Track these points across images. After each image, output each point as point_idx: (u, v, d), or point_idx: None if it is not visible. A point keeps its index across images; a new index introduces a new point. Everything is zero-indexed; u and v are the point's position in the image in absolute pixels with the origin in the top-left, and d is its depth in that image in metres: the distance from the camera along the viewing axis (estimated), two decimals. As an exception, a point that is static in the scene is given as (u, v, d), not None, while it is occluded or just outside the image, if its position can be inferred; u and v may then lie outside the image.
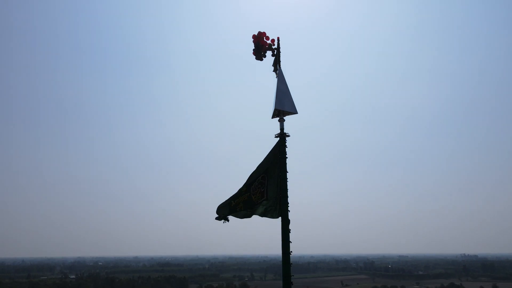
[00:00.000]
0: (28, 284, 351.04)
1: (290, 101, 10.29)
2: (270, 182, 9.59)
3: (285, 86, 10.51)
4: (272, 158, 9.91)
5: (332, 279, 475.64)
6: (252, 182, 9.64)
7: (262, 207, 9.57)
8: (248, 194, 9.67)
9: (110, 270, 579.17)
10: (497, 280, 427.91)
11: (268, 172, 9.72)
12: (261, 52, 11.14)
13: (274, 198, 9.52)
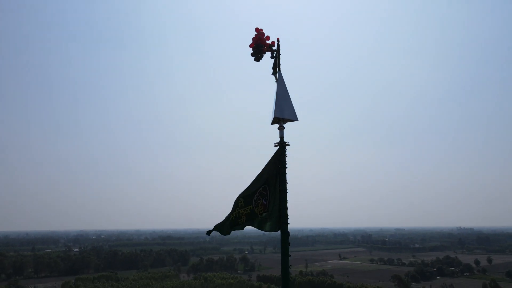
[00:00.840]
0: (33, 257, 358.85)
1: (290, 107, 9.80)
2: (271, 194, 9.23)
3: (285, 91, 9.99)
4: (272, 168, 9.55)
5: (330, 252, 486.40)
6: (253, 193, 9.26)
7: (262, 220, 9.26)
8: (251, 206, 9.30)
9: (112, 243, 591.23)
10: (491, 252, 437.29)
11: (269, 182, 9.34)
12: (259, 54, 10.56)
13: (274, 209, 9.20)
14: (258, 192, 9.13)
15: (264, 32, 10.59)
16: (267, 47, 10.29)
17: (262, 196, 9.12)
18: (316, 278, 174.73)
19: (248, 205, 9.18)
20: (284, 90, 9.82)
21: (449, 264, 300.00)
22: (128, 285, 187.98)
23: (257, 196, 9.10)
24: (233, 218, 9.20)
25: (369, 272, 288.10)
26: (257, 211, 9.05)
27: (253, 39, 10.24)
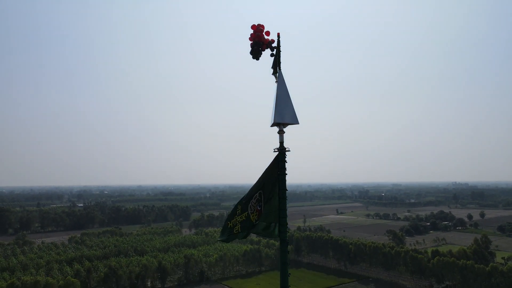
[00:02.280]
0: (39, 212, 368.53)
1: (291, 110, 9.31)
2: (267, 199, 9.06)
3: (285, 93, 9.47)
4: (270, 173, 9.32)
5: (328, 207, 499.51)
6: (249, 199, 9.10)
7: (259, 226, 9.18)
8: (246, 213, 9.21)
9: (115, 199, 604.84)
10: (484, 207, 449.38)
11: (265, 187, 9.15)
12: (258, 53, 9.87)
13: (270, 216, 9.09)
14: (255, 197, 9.00)
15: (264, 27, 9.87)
16: (266, 44, 9.63)
17: (258, 201, 8.99)
18: (313, 234, 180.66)
19: (244, 212, 9.08)
20: (285, 92, 9.29)
21: (443, 218, 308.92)
22: (132, 240, 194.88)
23: (253, 202, 8.98)
24: (231, 226, 9.13)
25: (365, 226, 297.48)
26: (252, 217, 8.94)
27: (251, 37, 9.53)
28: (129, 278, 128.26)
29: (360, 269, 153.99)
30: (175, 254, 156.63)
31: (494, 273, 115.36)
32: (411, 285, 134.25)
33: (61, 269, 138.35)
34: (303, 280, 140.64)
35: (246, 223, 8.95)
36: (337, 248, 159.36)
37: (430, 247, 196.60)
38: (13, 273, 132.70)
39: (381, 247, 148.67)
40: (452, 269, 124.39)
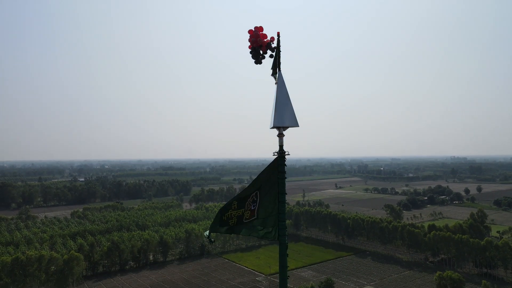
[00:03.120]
0: (41, 186, 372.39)
1: (291, 113, 9.13)
2: (263, 201, 9.08)
3: (285, 95, 9.26)
4: (268, 176, 9.29)
5: (327, 182, 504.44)
6: (246, 197, 9.11)
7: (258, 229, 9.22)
8: (243, 210, 9.24)
9: (116, 174, 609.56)
10: (482, 181, 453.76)
11: (262, 189, 9.16)
12: (259, 56, 9.57)
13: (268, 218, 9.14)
14: (251, 197, 9.03)
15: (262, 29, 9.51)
16: (266, 46, 9.32)
17: (254, 201, 9.03)
18: (312, 209, 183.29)
19: (241, 208, 9.11)
20: (285, 94, 9.09)
21: (440, 193, 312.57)
22: (134, 214, 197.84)
23: (249, 201, 9.02)
24: (225, 219, 9.16)
25: (364, 201, 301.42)
26: (246, 215, 8.99)
27: (249, 40, 9.22)
28: (131, 252, 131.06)
29: (357, 243, 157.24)
30: (176, 228, 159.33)
31: (489, 247, 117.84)
32: (407, 258, 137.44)
33: (65, 243, 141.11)
34: (301, 253, 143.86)
35: (241, 218, 9.03)
36: (335, 223, 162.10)
37: (427, 221, 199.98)
38: (18, 247, 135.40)
39: (379, 222, 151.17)
40: (447, 243, 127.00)
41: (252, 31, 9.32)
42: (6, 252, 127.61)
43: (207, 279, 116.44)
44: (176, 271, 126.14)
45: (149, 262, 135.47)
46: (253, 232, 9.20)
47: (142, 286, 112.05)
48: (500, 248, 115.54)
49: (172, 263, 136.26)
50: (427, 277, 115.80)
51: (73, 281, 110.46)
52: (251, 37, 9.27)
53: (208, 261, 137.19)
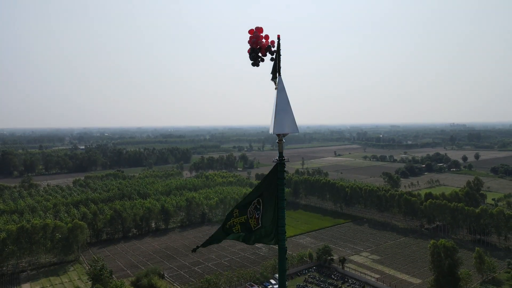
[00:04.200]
0: (42, 154, 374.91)
1: (291, 119, 9.04)
2: (265, 208, 9.20)
3: (285, 100, 9.14)
4: (269, 182, 9.37)
5: (326, 149, 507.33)
6: (248, 204, 9.21)
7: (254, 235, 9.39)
8: (246, 216, 9.37)
9: (116, 141, 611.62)
10: (480, 148, 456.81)
11: (264, 196, 9.27)
12: (258, 58, 9.36)
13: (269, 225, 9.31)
14: (253, 204, 9.14)
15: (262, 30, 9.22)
16: (265, 49, 9.07)
17: (257, 209, 9.15)
18: (311, 177, 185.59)
19: (243, 215, 9.25)
20: (285, 100, 8.97)
21: (438, 160, 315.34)
22: (135, 183, 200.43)
23: (252, 208, 9.12)
24: (228, 227, 9.31)
25: (362, 168, 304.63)
26: (252, 223, 9.15)
27: (249, 42, 8.96)
28: (133, 220, 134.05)
29: (355, 211, 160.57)
30: (177, 197, 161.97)
31: (483, 215, 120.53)
32: (403, 225, 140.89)
33: (68, 211, 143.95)
34: (300, 221, 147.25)
35: (246, 225, 9.20)
36: (333, 191, 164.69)
37: (424, 189, 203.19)
38: (22, 216, 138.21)
39: (376, 190, 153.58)
40: (443, 211, 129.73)
41: (252, 30, 9.09)
42: (11, 220, 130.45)
43: (208, 246, 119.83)
44: (178, 238, 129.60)
45: (151, 229, 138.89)
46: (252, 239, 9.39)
47: (145, 253, 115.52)
48: (495, 216, 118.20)
49: (173, 230, 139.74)
50: (422, 243, 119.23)
51: (78, 248, 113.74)
52: (250, 38, 9.05)
53: (209, 228, 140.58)
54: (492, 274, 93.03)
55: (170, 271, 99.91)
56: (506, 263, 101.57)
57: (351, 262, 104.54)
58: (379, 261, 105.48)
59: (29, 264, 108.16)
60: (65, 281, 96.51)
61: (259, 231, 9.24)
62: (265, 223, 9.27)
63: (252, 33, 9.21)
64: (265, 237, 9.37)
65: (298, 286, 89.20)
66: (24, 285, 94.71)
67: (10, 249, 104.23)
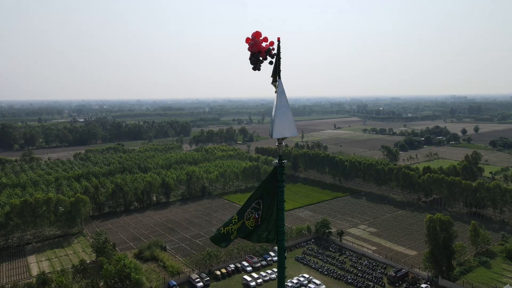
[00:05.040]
0: (41, 127, 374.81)
1: (290, 123, 9.11)
2: (265, 208, 9.46)
3: (285, 105, 9.16)
4: (269, 184, 9.56)
5: (326, 122, 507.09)
6: (246, 208, 9.44)
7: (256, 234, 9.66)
8: (242, 221, 9.61)
9: (115, 114, 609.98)
10: (480, 121, 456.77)
11: (263, 198, 9.50)
12: (258, 63, 9.27)
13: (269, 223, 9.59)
14: (252, 206, 9.38)
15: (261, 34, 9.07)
16: (265, 52, 8.99)
17: (255, 210, 9.39)
18: (310, 151, 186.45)
19: (240, 221, 9.49)
20: (284, 104, 8.99)
21: (438, 133, 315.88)
22: (135, 156, 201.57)
23: (250, 210, 9.37)
24: (225, 233, 9.51)
25: (361, 141, 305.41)
26: (248, 224, 9.38)
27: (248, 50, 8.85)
28: (135, 194, 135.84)
29: (353, 184, 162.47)
30: (177, 171, 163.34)
31: (480, 189, 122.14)
32: (400, 198, 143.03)
33: (70, 185, 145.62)
34: (299, 194, 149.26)
35: (242, 229, 9.45)
36: (333, 165, 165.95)
37: (422, 162, 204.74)
38: (25, 189, 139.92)
39: (375, 164, 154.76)
40: (440, 184, 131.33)
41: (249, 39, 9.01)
42: (14, 194, 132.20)
43: (209, 219, 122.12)
44: (178, 211, 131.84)
45: (152, 203, 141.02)
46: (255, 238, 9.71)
47: (147, 225, 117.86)
48: (491, 190, 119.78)
49: (174, 203, 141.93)
50: (418, 216, 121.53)
51: (81, 221, 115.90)
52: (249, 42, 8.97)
53: (209, 201, 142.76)
54: (486, 246, 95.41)
55: (172, 244, 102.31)
56: (500, 235, 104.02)
57: (349, 234, 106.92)
58: (376, 234, 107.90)
59: (34, 236, 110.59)
60: (69, 253, 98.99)
61: (259, 229, 9.53)
62: (264, 221, 9.54)
63: (248, 42, 9.11)
64: (266, 236, 9.68)
65: (296, 258, 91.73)
66: (29, 257, 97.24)
67: (15, 222, 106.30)
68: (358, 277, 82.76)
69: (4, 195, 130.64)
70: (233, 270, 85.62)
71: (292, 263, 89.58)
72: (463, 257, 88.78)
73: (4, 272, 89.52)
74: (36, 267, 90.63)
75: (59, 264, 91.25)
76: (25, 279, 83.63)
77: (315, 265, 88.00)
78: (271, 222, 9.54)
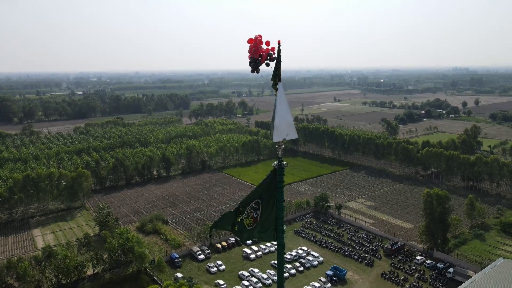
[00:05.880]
0: (40, 101, 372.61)
1: (290, 126, 9.28)
2: (264, 208, 9.79)
3: (285, 107, 9.28)
4: (268, 185, 9.84)
5: (326, 94, 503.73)
6: (248, 204, 9.79)
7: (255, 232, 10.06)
8: (243, 216, 9.95)
9: (114, 87, 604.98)
10: (481, 94, 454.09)
11: (263, 198, 9.82)
12: (258, 66, 9.31)
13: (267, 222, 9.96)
14: (251, 205, 9.73)
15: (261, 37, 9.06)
16: (266, 56, 9.00)
17: (254, 209, 9.76)
18: (310, 125, 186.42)
19: (242, 215, 9.87)
20: (285, 107, 9.13)
21: (438, 106, 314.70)
22: (135, 130, 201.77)
23: (250, 208, 9.73)
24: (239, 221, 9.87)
25: (361, 114, 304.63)
26: (246, 222, 9.76)
27: (249, 52, 8.86)
28: (135, 168, 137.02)
29: (352, 158, 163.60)
30: (177, 145, 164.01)
31: (478, 163, 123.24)
32: (399, 172, 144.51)
33: (71, 159, 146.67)
34: (298, 168, 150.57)
35: (240, 226, 9.83)
36: (332, 139, 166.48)
37: (421, 136, 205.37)
38: (26, 164, 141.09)
39: (374, 138, 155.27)
40: (438, 158, 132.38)
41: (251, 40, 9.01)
42: (16, 168, 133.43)
43: (209, 193, 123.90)
44: (179, 185, 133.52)
45: (153, 177, 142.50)
46: (253, 236, 10.14)
47: (149, 199, 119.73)
48: (489, 164, 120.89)
49: (175, 177, 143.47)
50: (416, 190, 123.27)
51: (83, 195, 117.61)
52: (250, 48, 8.99)
53: (209, 175, 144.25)
54: (481, 220, 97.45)
55: (173, 217, 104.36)
56: (496, 209, 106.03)
57: (347, 208, 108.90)
58: (373, 207, 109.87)
59: (38, 210, 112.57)
60: (73, 226, 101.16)
61: (254, 230, 9.90)
62: (263, 222, 9.91)
63: (251, 43, 9.14)
64: (264, 235, 10.08)
65: (295, 232, 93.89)
66: (34, 230, 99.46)
67: (18, 197, 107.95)
68: (355, 250, 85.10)
69: (6, 170, 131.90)
70: (233, 243, 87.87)
71: (291, 236, 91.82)
72: (458, 230, 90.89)
73: (10, 244, 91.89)
74: (41, 240, 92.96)
75: (63, 237, 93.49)
76: (31, 252, 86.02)
77: (313, 238, 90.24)
78: (271, 221, 9.93)
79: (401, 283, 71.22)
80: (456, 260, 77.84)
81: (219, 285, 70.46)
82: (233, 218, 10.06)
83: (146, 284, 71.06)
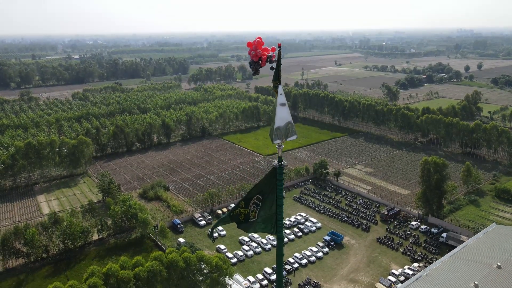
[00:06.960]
0: (36, 65, 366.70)
1: (290, 127, 9.50)
2: (264, 204, 10.35)
3: (285, 110, 9.45)
4: (268, 182, 10.28)
5: (327, 58, 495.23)
6: (250, 199, 10.38)
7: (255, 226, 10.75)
8: (248, 209, 10.60)
9: (111, 50, 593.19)
10: (484, 57, 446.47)
11: (263, 194, 10.33)
12: (258, 68, 9.36)
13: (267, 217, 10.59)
14: (253, 200, 10.30)
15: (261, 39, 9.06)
16: (266, 60, 9.03)
17: (256, 205, 10.35)
18: (310, 91, 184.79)
19: (246, 208, 10.45)
20: (285, 108, 9.31)
21: (440, 70, 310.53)
22: (134, 96, 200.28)
23: (252, 203, 10.32)
24: (234, 214, 10.64)
25: (362, 79, 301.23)
26: (252, 215, 10.46)
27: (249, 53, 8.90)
28: (136, 135, 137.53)
29: (352, 124, 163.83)
30: (177, 111, 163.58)
31: (477, 130, 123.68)
32: (397, 138, 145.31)
33: (71, 126, 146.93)
34: (298, 134, 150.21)
35: (247, 217, 10.45)
36: (332, 105, 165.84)
37: (422, 101, 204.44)
38: (27, 130, 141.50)
39: (374, 105, 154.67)
40: (438, 125, 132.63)
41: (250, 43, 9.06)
42: (17, 135, 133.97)
43: (209, 160, 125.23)
44: (179, 152, 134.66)
45: (153, 143, 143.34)
46: (254, 230, 10.78)
47: (150, 166, 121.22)
48: (488, 131, 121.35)
49: (175, 144, 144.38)
50: (414, 156, 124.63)
51: (85, 162, 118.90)
52: (250, 51, 9.07)
53: (209, 142, 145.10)
54: (477, 186, 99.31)
55: (174, 184, 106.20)
56: (492, 175, 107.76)
57: (346, 174, 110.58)
58: (371, 174, 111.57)
59: (41, 177, 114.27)
60: (77, 192, 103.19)
61: (255, 223, 10.51)
62: (263, 216, 10.49)
63: (251, 46, 9.20)
64: (265, 228, 10.66)
65: (294, 198, 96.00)
66: (39, 196, 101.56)
67: (21, 164, 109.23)
68: (353, 216, 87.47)
69: (6, 137, 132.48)
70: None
71: (290, 202, 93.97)
72: (453, 196, 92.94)
73: (16, 211, 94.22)
74: (46, 206, 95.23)
75: (68, 204, 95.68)
76: (37, 217, 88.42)
77: (312, 204, 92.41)
78: (271, 216, 10.49)
79: (396, 247, 73.94)
80: (450, 225, 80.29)
81: (220, 249, 73.17)
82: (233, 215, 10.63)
83: (150, 248, 73.74)
